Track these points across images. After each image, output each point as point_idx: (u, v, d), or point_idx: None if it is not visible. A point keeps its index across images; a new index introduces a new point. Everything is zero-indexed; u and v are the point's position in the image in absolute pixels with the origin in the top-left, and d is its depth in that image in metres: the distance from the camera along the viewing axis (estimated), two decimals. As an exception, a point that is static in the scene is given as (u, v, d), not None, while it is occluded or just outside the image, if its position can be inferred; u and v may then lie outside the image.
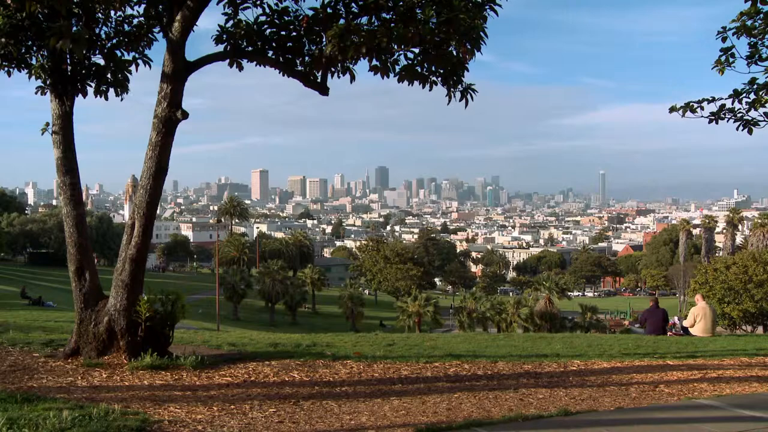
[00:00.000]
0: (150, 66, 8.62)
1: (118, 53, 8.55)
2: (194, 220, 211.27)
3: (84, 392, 6.82)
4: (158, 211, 12.88)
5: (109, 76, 8.51)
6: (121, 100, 8.66)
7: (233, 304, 58.54)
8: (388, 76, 7.64)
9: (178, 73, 7.92)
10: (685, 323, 16.23)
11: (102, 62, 8.54)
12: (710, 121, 9.25)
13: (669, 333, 16.11)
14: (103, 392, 6.86)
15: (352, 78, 8.00)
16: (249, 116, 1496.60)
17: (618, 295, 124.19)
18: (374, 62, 7.53)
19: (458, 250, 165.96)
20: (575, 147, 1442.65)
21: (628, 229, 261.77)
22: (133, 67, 8.61)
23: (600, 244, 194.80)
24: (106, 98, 8.52)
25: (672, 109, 9.27)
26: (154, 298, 8.11)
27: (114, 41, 8.51)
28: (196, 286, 74.62)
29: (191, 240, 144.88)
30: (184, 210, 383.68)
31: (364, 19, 7.47)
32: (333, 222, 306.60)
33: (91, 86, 8.49)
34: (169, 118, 7.92)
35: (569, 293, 63.32)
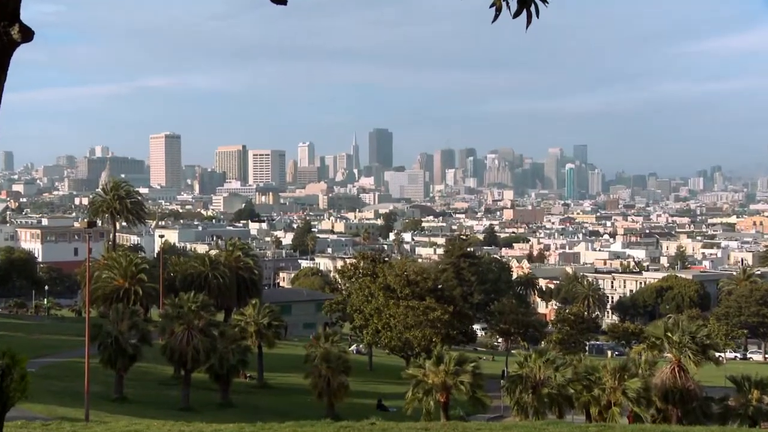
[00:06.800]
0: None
1: None
2: (46, 222, 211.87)
3: None
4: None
5: None
6: None
7: (116, 372, 58.53)
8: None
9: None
10: None
11: None
12: None
13: None
14: None
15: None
16: (148, 40, 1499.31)
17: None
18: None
19: (515, 276, 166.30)
20: (724, 92, 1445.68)
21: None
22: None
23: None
24: None
25: None
26: (-30, 362, 8.05)
27: None
28: (49, 341, 74.49)
29: (39, 258, 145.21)
30: (26, 205, 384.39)
31: None
32: (296, 226, 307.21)
33: None
34: (-2, 40, 7.87)
35: (717, 354, 63.29)
